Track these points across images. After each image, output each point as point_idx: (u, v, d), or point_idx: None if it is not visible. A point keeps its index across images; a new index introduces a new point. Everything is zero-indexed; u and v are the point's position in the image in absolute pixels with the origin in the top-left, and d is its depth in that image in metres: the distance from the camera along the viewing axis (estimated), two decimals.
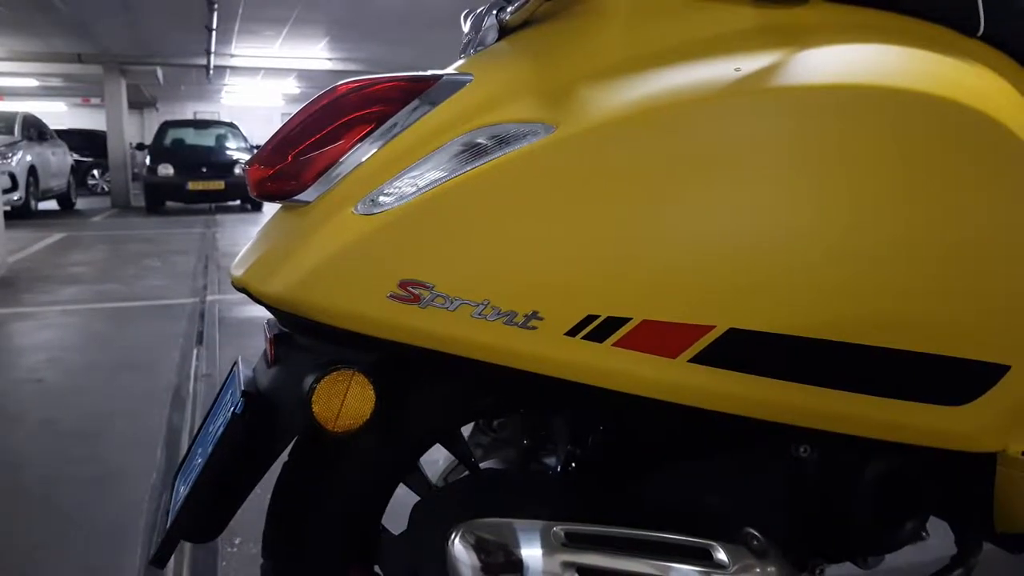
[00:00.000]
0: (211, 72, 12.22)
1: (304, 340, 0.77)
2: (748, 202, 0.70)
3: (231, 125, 11.83)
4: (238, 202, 10.57)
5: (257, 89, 16.62)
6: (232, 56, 11.67)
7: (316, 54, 11.58)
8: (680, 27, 0.76)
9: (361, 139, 0.72)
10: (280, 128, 0.77)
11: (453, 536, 0.73)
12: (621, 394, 0.73)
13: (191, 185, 9.76)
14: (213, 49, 10.25)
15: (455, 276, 0.68)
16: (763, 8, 0.78)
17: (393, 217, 0.69)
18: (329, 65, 11.99)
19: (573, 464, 0.93)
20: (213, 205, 10.86)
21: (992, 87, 0.80)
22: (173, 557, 1.53)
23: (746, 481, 0.85)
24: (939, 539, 0.97)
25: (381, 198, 0.70)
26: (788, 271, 0.71)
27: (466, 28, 0.93)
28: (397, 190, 0.70)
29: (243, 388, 0.76)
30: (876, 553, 0.91)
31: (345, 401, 0.70)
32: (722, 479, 0.85)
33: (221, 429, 0.74)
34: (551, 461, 0.94)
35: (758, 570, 0.79)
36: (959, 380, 0.78)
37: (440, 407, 0.79)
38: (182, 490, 0.76)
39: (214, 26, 8.68)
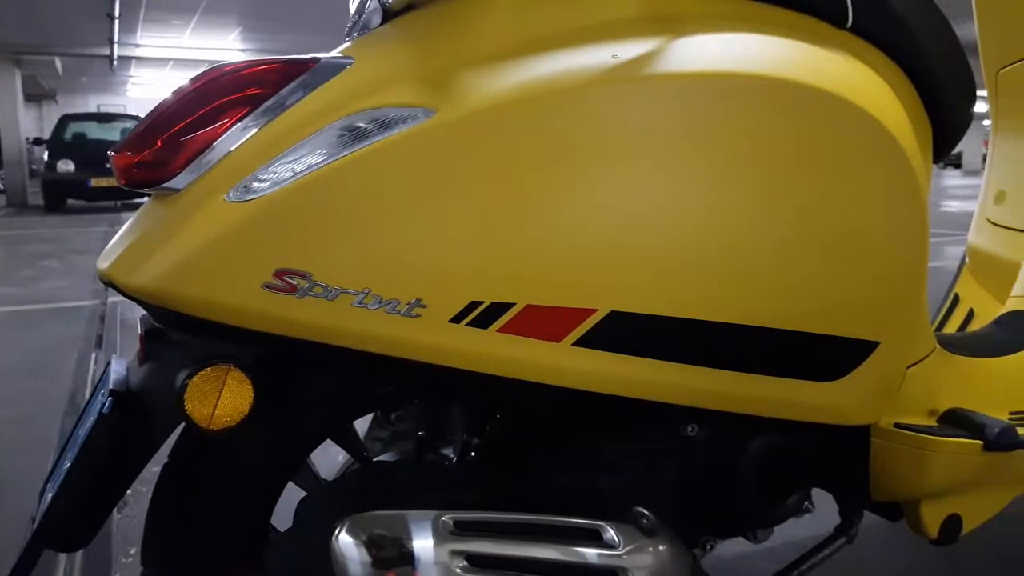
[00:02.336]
0: (115, 63, 11.68)
1: (176, 335, 0.74)
2: (625, 187, 0.71)
3: (138, 119, 11.32)
4: (146, 199, 10.13)
5: (166, 81, 15.97)
6: (138, 46, 11.18)
7: (229, 44, 11.21)
8: (561, 14, 0.77)
9: (235, 124, 0.69)
10: (150, 112, 0.73)
11: (338, 531, 0.71)
12: (508, 380, 0.72)
13: (94, 182, 9.33)
14: (117, 38, 9.79)
15: (333, 264, 0.67)
16: None
17: (267, 204, 0.66)
18: (243, 56, 11.64)
19: (473, 453, 0.93)
20: (119, 203, 10.40)
21: (861, 78, 0.84)
22: (62, 569, 1.46)
23: (636, 461, 0.86)
24: (823, 510, 1.02)
25: (255, 184, 0.67)
26: (666, 254, 0.72)
27: (352, 11, 0.91)
28: (272, 176, 0.68)
29: (112, 387, 0.73)
30: (764, 527, 0.94)
31: (221, 398, 0.68)
32: (613, 460, 0.86)
33: (89, 431, 0.71)
34: (449, 451, 0.93)
35: (649, 549, 0.81)
36: (832, 357, 0.81)
37: (326, 401, 0.78)
38: (48, 496, 0.72)
39: (117, 14, 8.28)
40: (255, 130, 0.69)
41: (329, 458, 0.96)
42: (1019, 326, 1.33)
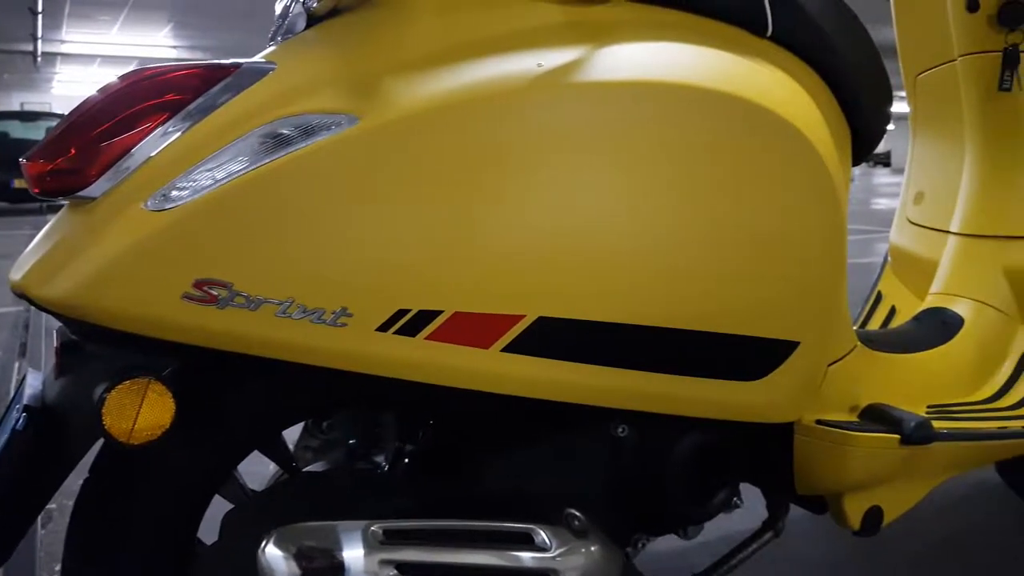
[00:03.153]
0: (39, 59, 11.24)
1: (93, 347, 0.72)
2: (550, 194, 0.72)
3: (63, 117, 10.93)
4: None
5: (94, 78, 15.44)
6: (63, 42, 10.79)
7: (159, 41, 10.91)
8: (486, 21, 0.77)
9: (153, 130, 0.68)
10: (64, 118, 0.71)
11: (265, 543, 0.70)
12: (438, 387, 0.73)
13: (17, 183, 8.95)
14: (40, 34, 9.43)
15: (256, 274, 0.66)
16: (566, 5, 0.80)
17: (187, 212, 0.65)
18: (174, 53, 11.33)
19: (406, 460, 0.92)
20: (43, 204, 10.00)
21: (780, 85, 0.86)
22: None
23: (567, 463, 0.87)
24: (752, 504, 1.04)
25: (174, 192, 0.66)
26: (591, 260, 0.73)
27: (277, 14, 0.90)
28: (192, 183, 0.66)
29: (26, 402, 0.70)
30: (695, 523, 0.96)
31: (140, 412, 0.66)
32: (545, 463, 0.87)
33: (2, 448, 0.68)
34: (382, 459, 0.93)
35: (581, 549, 0.82)
36: (755, 357, 0.84)
37: (251, 412, 0.76)
38: None
39: (39, 8, 7.98)
40: (175, 137, 0.67)
41: (264, 467, 0.95)
42: (937, 322, 1.38)
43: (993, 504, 1.67)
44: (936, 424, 1.08)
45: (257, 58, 0.76)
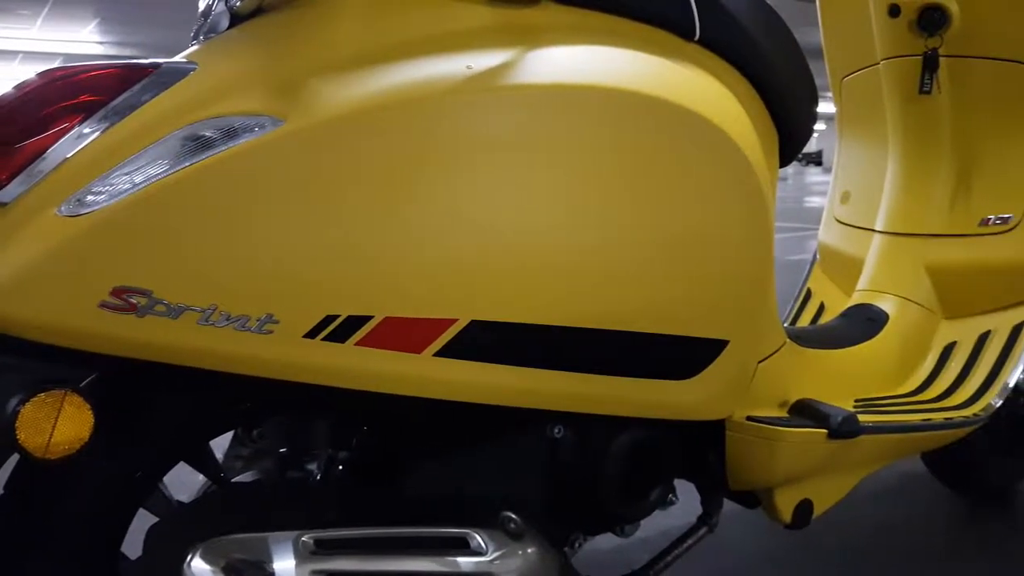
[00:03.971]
0: None
1: (7, 359, 0.68)
2: (480, 197, 0.71)
3: None
4: None
5: (15, 76, 14.82)
6: None
7: (85, 37, 10.52)
8: (414, 23, 0.76)
9: (68, 132, 0.65)
10: None
11: (190, 557, 0.68)
12: (370, 393, 0.72)
13: None
14: None
15: (176, 281, 0.63)
16: (496, 7, 0.79)
17: (103, 217, 0.63)
18: (100, 49, 10.95)
19: (340, 468, 0.91)
20: None
21: (707, 89, 0.88)
22: None
23: (504, 466, 0.87)
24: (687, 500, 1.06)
25: (89, 197, 0.63)
26: (522, 263, 0.73)
27: (199, 13, 0.87)
28: (109, 187, 0.64)
29: None
30: (631, 521, 0.97)
31: (57, 425, 0.63)
32: (481, 467, 0.87)
33: None
34: (315, 467, 0.91)
35: (518, 552, 0.82)
36: (685, 356, 0.85)
37: (175, 423, 0.74)
38: None
39: None
40: (91, 139, 0.65)
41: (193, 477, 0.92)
42: (863, 319, 1.43)
43: (919, 493, 1.73)
44: (863, 418, 1.11)
45: (178, 58, 0.73)
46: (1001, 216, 1.44)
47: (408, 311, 0.69)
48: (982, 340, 1.40)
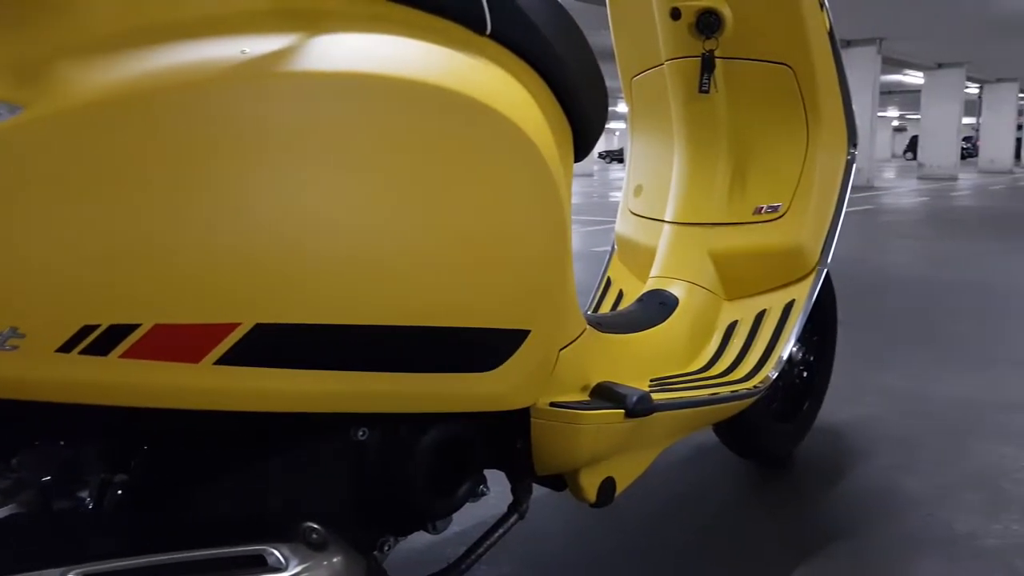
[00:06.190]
0: None
1: None
2: (257, 191, 0.66)
3: None
4: None
5: None
6: None
7: None
8: (182, 3, 0.70)
9: None
10: None
11: None
12: (143, 409, 0.65)
13: None
14: None
15: None
16: None
17: None
18: None
19: (119, 493, 0.82)
20: None
21: (499, 83, 0.88)
22: None
23: (303, 475, 0.83)
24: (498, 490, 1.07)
25: None
26: (308, 260, 0.69)
27: None
28: None
29: None
30: (441, 517, 0.96)
31: None
32: (278, 478, 0.82)
33: None
34: (86, 495, 0.82)
35: (323, 563, 0.78)
36: (487, 348, 0.85)
37: None
38: None
39: None
40: None
41: None
42: (656, 303, 1.52)
43: (714, 463, 1.87)
44: (656, 396, 1.18)
45: None
46: (772, 205, 1.59)
47: (182, 317, 0.64)
48: (759, 318, 1.54)
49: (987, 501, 1.64)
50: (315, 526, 0.78)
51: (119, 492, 0.82)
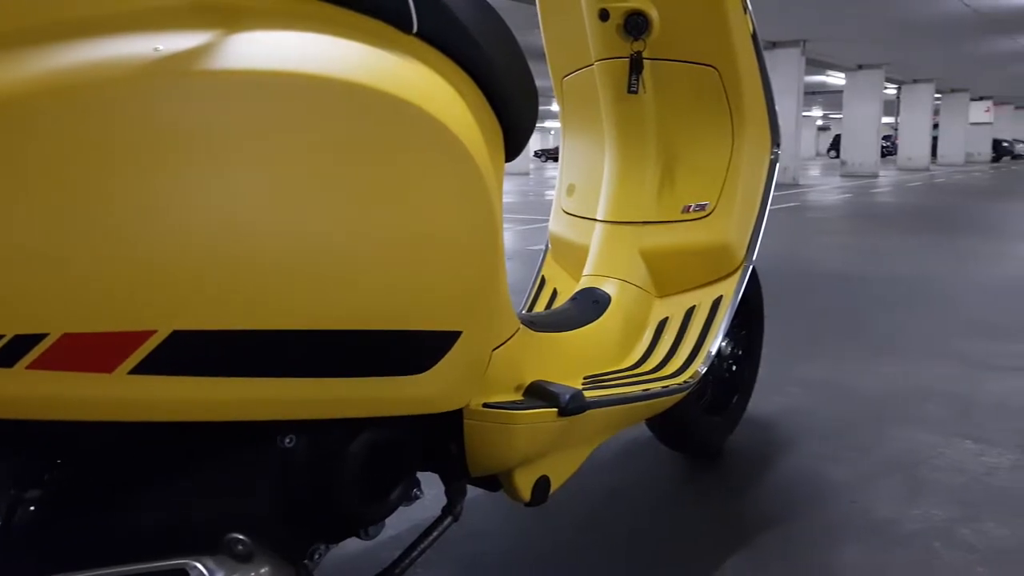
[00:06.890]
0: None
1: None
2: (174, 193, 0.64)
3: None
4: None
5: None
6: None
7: None
8: None
9: None
10: None
11: None
12: (53, 423, 0.62)
13: None
14: None
15: None
16: None
17: None
18: None
19: (31, 509, 0.79)
20: None
21: (427, 83, 0.87)
22: None
23: (229, 485, 0.81)
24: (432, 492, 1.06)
25: None
26: (229, 264, 0.67)
27: None
28: None
29: None
30: (374, 523, 0.95)
31: None
32: (202, 489, 0.79)
33: None
34: None
35: (251, 574, 0.76)
36: (418, 350, 0.84)
37: None
38: None
39: None
40: None
41: None
42: (589, 301, 1.53)
43: (648, 457, 1.90)
44: (589, 393, 1.19)
45: None
46: (699, 203, 1.62)
47: (93, 325, 0.61)
48: (688, 314, 1.57)
49: (907, 487, 1.72)
50: (241, 537, 0.76)
51: (31, 508, 0.78)
